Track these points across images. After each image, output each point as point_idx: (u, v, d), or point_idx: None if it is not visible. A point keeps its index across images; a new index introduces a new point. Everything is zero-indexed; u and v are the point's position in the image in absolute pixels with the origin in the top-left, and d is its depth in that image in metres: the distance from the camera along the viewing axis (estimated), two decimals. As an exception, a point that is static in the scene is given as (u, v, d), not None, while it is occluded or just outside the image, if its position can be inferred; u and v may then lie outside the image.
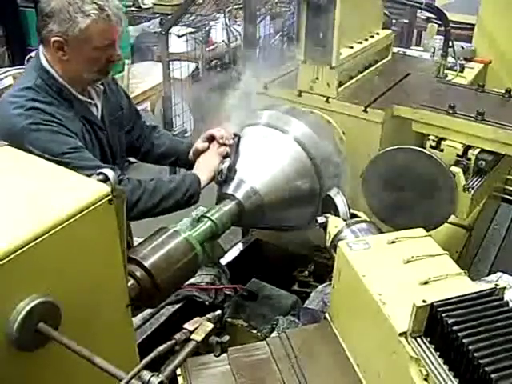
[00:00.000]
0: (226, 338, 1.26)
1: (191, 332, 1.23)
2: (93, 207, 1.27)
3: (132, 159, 2.74)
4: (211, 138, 2.44)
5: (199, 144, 2.45)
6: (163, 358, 1.21)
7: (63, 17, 1.97)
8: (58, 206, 1.24)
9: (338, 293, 1.92)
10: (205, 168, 2.35)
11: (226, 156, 2.37)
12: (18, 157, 1.46)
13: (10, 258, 1.11)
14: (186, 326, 1.25)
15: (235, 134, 2.41)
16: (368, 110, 2.48)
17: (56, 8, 1.97)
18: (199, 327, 1.23)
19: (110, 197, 1.31)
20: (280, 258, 2.96)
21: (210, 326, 1.24)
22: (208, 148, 2.42)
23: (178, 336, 1.22)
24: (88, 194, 1.29)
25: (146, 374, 1.09)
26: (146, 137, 2.58)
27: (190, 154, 2.49)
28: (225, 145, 2.38)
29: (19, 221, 1.20)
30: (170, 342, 1.21)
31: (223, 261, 2.96)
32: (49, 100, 2.06)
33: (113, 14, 2.03)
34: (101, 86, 2.29)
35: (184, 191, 2.23)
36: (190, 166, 2.50)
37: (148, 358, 1.14)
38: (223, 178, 2.31)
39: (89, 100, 2.23)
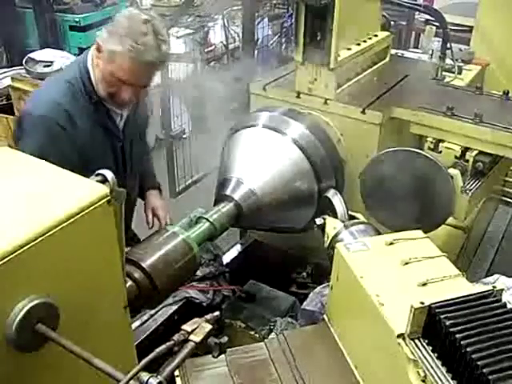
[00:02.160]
0: (225, 339, 1.26)
1: (190, 333, 1.23)
2: (91, 208, 1.27)
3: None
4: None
5: (148, 216, 2.65)
6: (161, 359, 1.21)
7: (111, 30, 2.07)
8: (57, 207, 1.24)
9: (336, 294, 1.92)
10: None
11: None
12: (17, 158, 1.46)
13: (8, 258, 1.11)
14: (184, 327, 1.25)
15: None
16: (366, 111, 2.48)
17: (118, 19, 2.08)
18: (198, 328, 1.23)
19: (108, 198, 1.31)
20: (278, 259, 2.96)
21: (209, 327, 1.24)
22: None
23: (176, 337, 1.22)
24: (87, 194, 1.29)
25: (145, 375, 1.10)
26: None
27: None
28: None
29: (18, 221, 1.20)
30: (168, 343, 1.21)
31: (221, 262, 2.96)
32: (78, 100, 2.16)
33: (143, 64, 2.06)
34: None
35: None
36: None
37: (147, 359, 1.14)
38: None
39: (114, 107, 2.26)
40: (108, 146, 2.30)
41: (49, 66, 4.47)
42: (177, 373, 1.75)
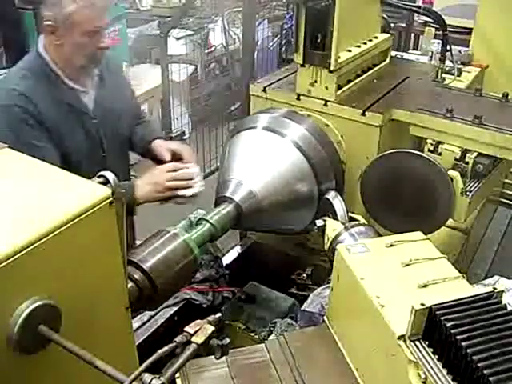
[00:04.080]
0: (227, 340, 1.26)
1: (192, 335, 1.23)
2: (93, 210, 1.27)
3: (131, 161, 2.74)
4: (174, 155, 2.37)
5: (161, 151, 2.39)
6: (163, 360, 1.21)
7: (53, 2, 2.10)
8: (59, 209, 1.24)
9: (336, 296, 1.92)
10: (145, 193, 2.22)
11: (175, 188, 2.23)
12: (18, 159, 1.46)
13: (10, 260, 1.11)
14: (186, 328, 1.25)
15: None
16: (366, 113, 2.49)
17: None
18: (200, 330, 1.23)
19: (110, 199, 1.31)
20: (278, 260, 2.96)
21: (211, 328, 1.24)
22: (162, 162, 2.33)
23: (178, 339, 1.22)
24: (88, 196, 1.29)
25: (148, 377, 1.09)
26: (131, 125, 2.60)
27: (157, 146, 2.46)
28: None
29: (20, 223, 1.20)
30: (170, 345, 1.21)
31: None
32: (34, 83, 2.18)
33: (98, 1, 2.14)
34: (96, 76, 2.36)
35: None
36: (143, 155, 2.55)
37: (149, 361, 1.14)
38: None
39: (79, 87, 2.29)
40: (79, 126, 2.29)
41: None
42: (177, 374, 1.75)
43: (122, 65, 5.87)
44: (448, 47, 2.97)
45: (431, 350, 1.42)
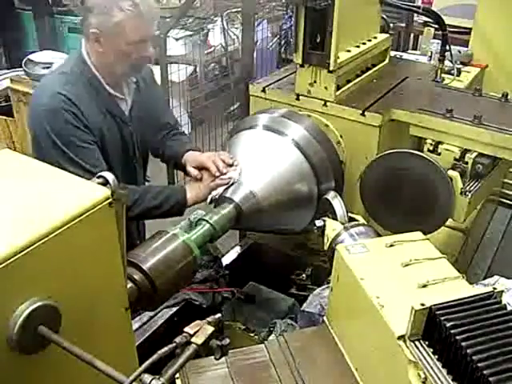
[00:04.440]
0: (227, 341, 1.26)
1: (191, 335, 1.23)
2: (93, 210, 1.27)
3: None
4: (202, 167, 2.41)
5: (191, 170, 2.42)
6: (163, 361, 1.21)
7: (101, 10, 2.10)
8: (59, 209, 1.24)
9: (336, 296, 1.92)
10: (194, 195, 2.34)
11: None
12: (18, 160, 1.46)
13: (10, 261, 1.12)
14: (186, 329, 1.25)
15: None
16: (366, 113, 2.49)
17: (96, 2, 2.11)
18: (199, 330, 1.23)
19: (110, 200, 1.32)
20: (278, 261, 2.97)
21: (211, 329, 1.24)
22: (201, 177, 2.39)
23: (178, 339, 1.23)
24: (88, 197, 1.29)
25: (147, 377, 1.10)
26: (164, 136, 2.63)
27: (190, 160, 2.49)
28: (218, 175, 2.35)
29: (19, 223, 1.20)
30: (170, 345, 1.21)
31: (221, 263, 2.96)
32: (78, 88, 2.18)
33: (146, 12, 2.14)
34: (133, 84, 2.39)
35: (165, 210, 2.28)
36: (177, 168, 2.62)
37: (149, 361, 1.14)
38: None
39: (118, 94, 2.32)
40: (117, 132, 2.33)
41: (48, 67, 4.47)
42: (177, 375, 1.74)
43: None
44: (447, 47, 2.97)
45: (431, 350, 1.42)
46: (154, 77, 2.61)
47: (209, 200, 2.36)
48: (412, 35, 6.19)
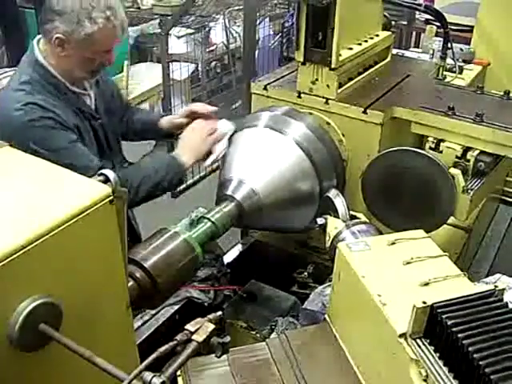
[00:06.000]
0: (228, 338, 1.26)
1: (192, 333, 1.23)
2: (94, 208, 1.27)
3: (131, 160, 2.76)
4: (191, 114, 2.47)
5: (177, 119, 2.50)
6: (164, 359, 1.21)
7: (72, 18, 2.05)
8: (59, 207, 1.24)
9: (337, 294, 1.92)
10: (190, 152, 2.36)
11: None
12: (18, 157, 1.46)
13: (11, 259, 1.12)
14: (187, 326, 1.25)
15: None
16: (367, 111, 2.48)
17: (67, 8, 2.05)
18: (200, 328, 1.23)
19: (111, 197, 1.32)
20: (279, 259, 2.96)
21: (212, 326, 1.24)
22: (187, 124, 2.44)
23: (179, 337, 1.22)
24: (89, 194, 1.29)
25: (148, 375, 1.10)
26: (129, 116, 2.67)
27: (167, 125, 2.56)
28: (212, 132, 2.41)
29: (20, 222, 1.20)
30: (171, 343, 1.21)
31: (222, 262, 2.96)
32: (45, 94, 2.14)
33: (118, 24, 2.12)
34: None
35: (168, 181, 2.29)
36: (170, 135, 2.63)
37: (150, 359, 1.14)
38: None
39: (82, 91, 2.31)
40: (89, 128, 2.32)
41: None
42: (178, 372, 1.75)
43: (124, 64, 5.88)
44: (449, 45, 2.96)
45: (432, 348, 1.42)
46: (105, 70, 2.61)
47: (209, 162, 2.40)
48: (414, 33, 6.18)
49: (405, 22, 5.93)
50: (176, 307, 2.55)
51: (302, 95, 2.65)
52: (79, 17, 2.04)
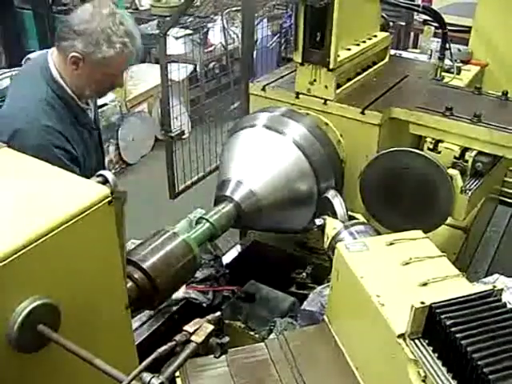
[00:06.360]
0: (226, 339, 1.26)
1: (191, 334, 1.23)
2: (93, 209, 1.27)
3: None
4: None
5: None
6: (163, 359, 1.21)
7: (91, 40, 2.08)
8: (58, 208, 1.24)
9: (336, 294, 1.92)
10: None
11: None
12: (18, 158, 1.46)
13: (9, 259, 1.11)
14: (186, 327, 1.25)
15: None
16: (366, 112, 2.49)
17: (87, 30, 2.08)
18: (199, 329, 1.23)
19: (109, 198, 1.32)
20: (278, 259, 2.96)
21: (210, 327, 1.24)
22: None
23: (178, 337, 1.23)
24: (88, 195, 1.29)
25: (147, 376, 1.10)
26: None
27: None
28: None
29: (19, 222, 1.20)
30: (170, 344, 1.21)
31: (221, 262, 2.96)
32: (58, 112, 2.16)
33: (134, 52, 2.16)
34: None
35: None
36: None
37: (148, 360, 1.14)
38: None
39: (85, 106, 2.35)
40: (92, 141, 2.38)
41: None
42: (177, 373, 1.75)
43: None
44: (447, 45, 2.97)
45: (431, 348, 1.42)
46: None
47: None
48: (412, 33, 6.19)
49: (403, 23, 5.95)
50: (175, 308, 2.54)
51: (300, 96, 2.65)
52: (98, 39, 2.08)
